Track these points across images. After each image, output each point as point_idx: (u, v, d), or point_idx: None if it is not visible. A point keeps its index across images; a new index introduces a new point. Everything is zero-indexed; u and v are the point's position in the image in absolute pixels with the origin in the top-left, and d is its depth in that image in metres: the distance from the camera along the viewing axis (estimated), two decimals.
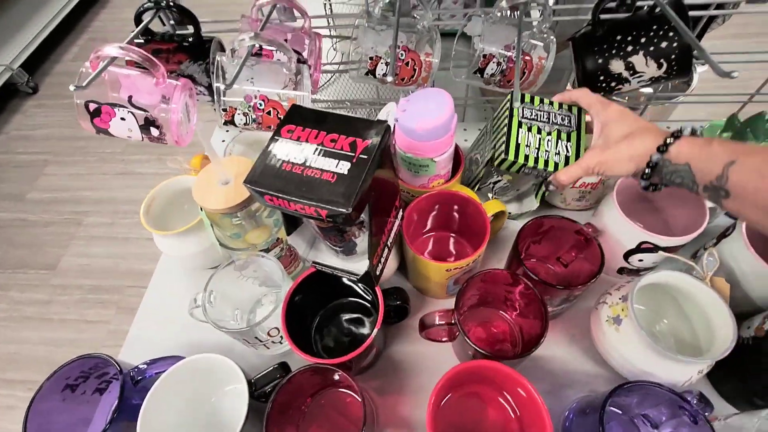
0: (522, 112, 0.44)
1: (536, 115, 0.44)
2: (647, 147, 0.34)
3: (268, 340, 0.43)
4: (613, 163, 0.36)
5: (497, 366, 0.36)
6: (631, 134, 0.36)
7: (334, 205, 0.28)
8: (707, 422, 0.33)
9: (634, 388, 0.34)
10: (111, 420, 0.35)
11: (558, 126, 0.44)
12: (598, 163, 0.37)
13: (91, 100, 0.44)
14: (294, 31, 0.54)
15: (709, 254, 0.40)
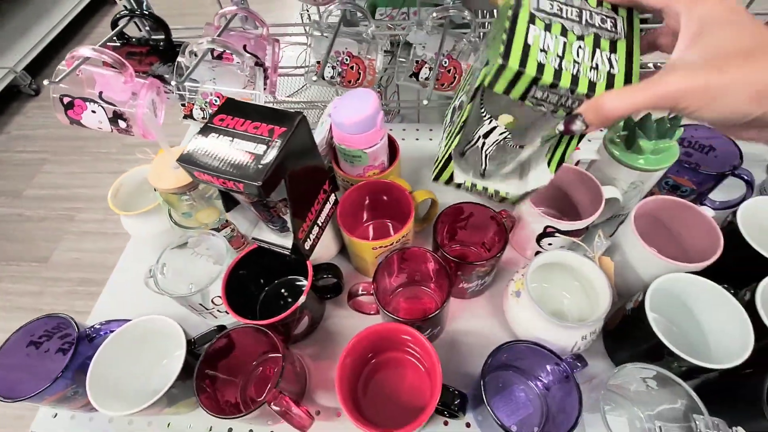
0: (538, 1, 0.28)
1: (560, 10, 0.28)
2: None
3: (214, 308, 0.49)
4: (718, 97, 0.22)
5: (400, 327, 0.41)
6: (755, 50, 0.22)
7: (248, 179, 0.34)
8: (574, 378, 0.38)
9: (512, 347, 0.40)
10: (65, 367, 0.40)
11: (596, 29, 0.28)
12: (688, 91, 0.22)
13: (65, 94, 0.50)
14: (255, 38, 0.60)
15: (598, 237, 0.45)
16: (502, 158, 0.37)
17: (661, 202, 0.46)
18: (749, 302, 0.40)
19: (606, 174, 0.51)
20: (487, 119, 0.35)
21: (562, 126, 0.28)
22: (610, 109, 0.25)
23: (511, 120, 0.35)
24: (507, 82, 0.27)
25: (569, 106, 0.28)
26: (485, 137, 0.36)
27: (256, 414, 0.39)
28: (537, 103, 0.28)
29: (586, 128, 0.27)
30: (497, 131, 0.35)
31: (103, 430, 0.47)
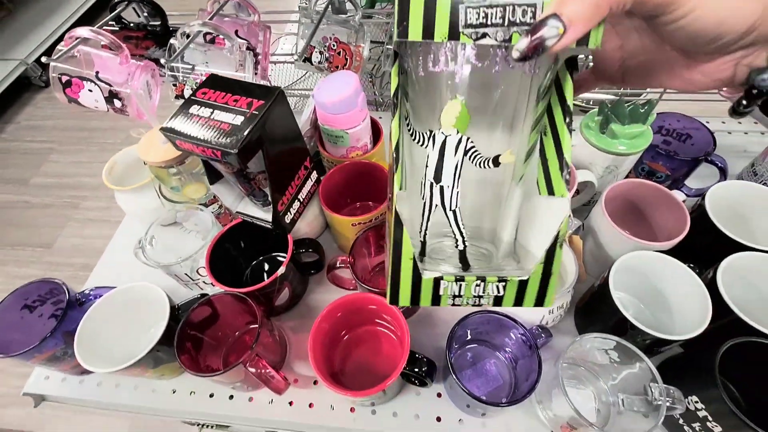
0: None
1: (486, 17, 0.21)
2: None
3: (199, 279, 0.51)
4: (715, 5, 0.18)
5: (374, 298, 0.43)
6: None
7: (225, 147, 0.36)
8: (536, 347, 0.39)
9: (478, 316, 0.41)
10: (55, 328, 0.43)
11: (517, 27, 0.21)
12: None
13: (63, 73, 0.53)
14: (248, 25, 0.62)
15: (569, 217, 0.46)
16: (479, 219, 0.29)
17: (632, 185, 0.48)
18: (711, 280, 0.41)
19: (582, 159, 0.52)
20: (427, 138, 0.26)
21: (523, 44, 0.19)
22: (572, 11, 0.18)
23: (458, 107, 0.24)
24: (420, 10, 0.21)
25: (526, 21, 0.20)
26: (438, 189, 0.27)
27: (234, 375, 0.41)
28: (477, 33, 0.21)
29: (564, 31, 0.18)
30: (451, 151, 0.26)
31: (92, 392, 0.50)
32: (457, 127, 0.25)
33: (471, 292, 0.25)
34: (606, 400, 0.44)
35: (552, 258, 0.24)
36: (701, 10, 0.19)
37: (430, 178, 0.27)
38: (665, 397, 0.36)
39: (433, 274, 0.25)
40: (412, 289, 0.25)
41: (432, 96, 0.26)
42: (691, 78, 0.23)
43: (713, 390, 0.35)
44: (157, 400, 0.49)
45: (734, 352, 0.37)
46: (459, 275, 0.25)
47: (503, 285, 0.25)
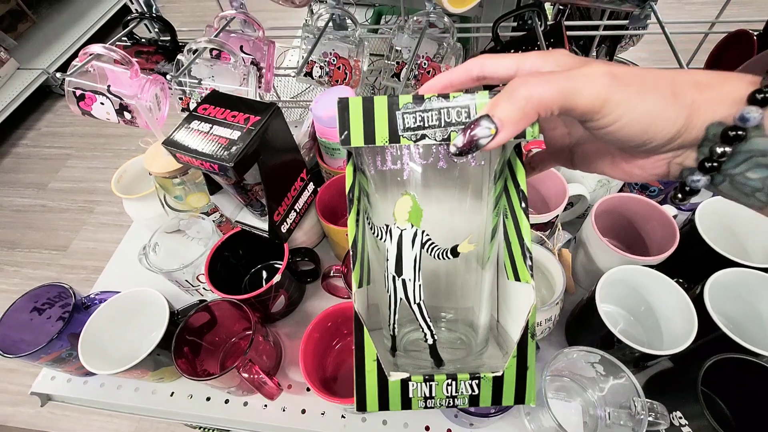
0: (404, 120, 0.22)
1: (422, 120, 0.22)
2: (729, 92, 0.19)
3: (200, 285, 0.52)
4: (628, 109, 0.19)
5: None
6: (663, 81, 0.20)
7: (222, 160, 0.37)
8: None
9: None
10: (61, 330, 0.45)
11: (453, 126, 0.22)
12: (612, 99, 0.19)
13: (77, 87, 0.56)
14: (253, 40, 0.65)
15: (558, 230, 0.47)
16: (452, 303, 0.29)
17: (622, 199, 0.48)
18: (699, 296, 0.41)
19: (574, 172, 0.53)
20: (384, 232, 0.26)
21: (459, 141, 0.21)
22: (529, 93, 0.19)
23: (410, 202, 0.25)
24: (359, 120, 0.22)
25: (461, 121, 0.22)
26: (401, 283, 0.27)
27: (228, 379, 0.43)
28: (416, 135, 0.22)
29: (496, 132, 0.20)
30: (408, 245, 0.26)
31: (95, 392, 0.52)
32: (411, 221, 0.25)
33: (443, 392, 0.24)
34: (594, 413, 0.44)
35: (525, 351, 0.23)
36: (626, 119, 0.19)
37: (392, 271, 0.26)
38: (647, 412, 0.36)
39: (399, 376, 0.23)
40: (380, 393, 0.24)
41: (385, 192, 0.26)
42: (631, 171, 0.24)
43: (695, 406, 0.35)
44: (156, 402, 0.50)
45: (723, 369, 0.37)
46: (428, 374, 0.23)
47: (476, 383, 0.23)
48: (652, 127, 0.19)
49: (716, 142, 0.19)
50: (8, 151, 1.88)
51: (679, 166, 0.22)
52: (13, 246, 1.54)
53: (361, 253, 0.26)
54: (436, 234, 0.26)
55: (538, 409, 0.42)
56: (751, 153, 0.19)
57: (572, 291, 0.49)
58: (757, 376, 0.37)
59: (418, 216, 0.25)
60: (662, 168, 0.22)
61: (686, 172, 0.22)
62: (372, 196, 0.27)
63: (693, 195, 0.22)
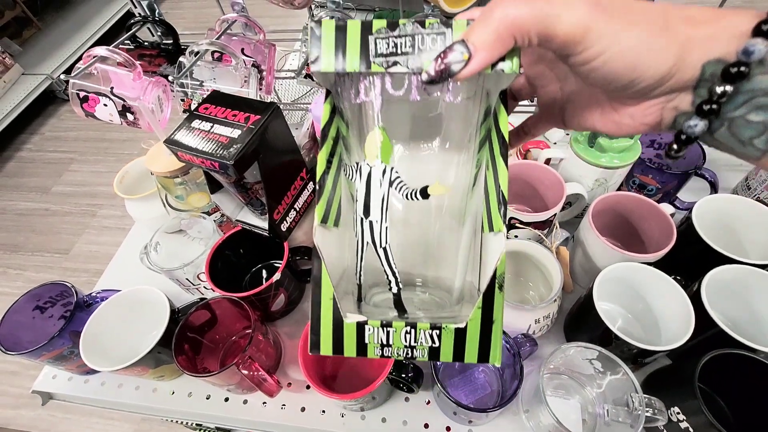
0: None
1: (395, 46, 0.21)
2: (727, 27, 0.17)
3: (200, 284, 0.53)
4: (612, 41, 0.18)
5: None
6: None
7: (222, 158, 0.38)
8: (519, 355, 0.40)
9: None
10: (62, 328, 0.45)
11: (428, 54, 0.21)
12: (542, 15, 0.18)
13: (81, 89, 0.57)
14: (254, 43, 0.66)
15: (556, 229, 0.47)
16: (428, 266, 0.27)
17: (619, 198, 0.49)
18: (696, 293, 0.42)
19: (572, 172, 0.54)
20: (354, 171, 0.26)
21: (431, 68, 0.20)
22: (504, 13, 0.18)
23: (380, 136, 0.25)
24: (331, 44, 0.21)
25: (436, 48, 0.21)
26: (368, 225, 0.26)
27: (228, 377, 0.43)
28: (388, 62, 0.21)
29: (469, 58, 0.19)
30: (377, 183, 0.25)
31: (96, 391, 0.52)
32: (381, 157, 0.25)
33: (401, 341, 0.22)
34: (593, 411, 0.44)
35: (492, 302, 0.22)
36: (610, 53, 0.18)
37: (360, 213, 0.26)
38: (644, 407, 0.36)
39: (355, 318, 0.22)
40: (334, 335, 0.22)
41: (359, 129, 0.26)
42: (621, 121, 0.23)
43: (693, 401, 0.35)
44: (157, 400, 0.51)
45: (721, 365, 0.38)
46: (386, 321, 0.22)
47: (437, 334, 0.22)
48: (640, 63, 0.18)
49: (715, 81, 0.18)
50: (12, 155, 1.90)
51: (673, 112, 0.20)
52: (16, 249, 1.54)
53: (330, 192, 0.25)
54: (407, 175, 0.25)
55: (536, 407, 0.42)
56: (754, 93, 0.17)
57: (569, 289, 0.49)
58: (754, 371, 0.37)
59: (388, 151, 0.25)
60: (654, 115, 0.21)
61: (682, 118, 0.20)
62: (348, 139, 0.26)
63: (689, 144, 0.20)
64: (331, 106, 0.24)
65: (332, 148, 0.25)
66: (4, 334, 0.46)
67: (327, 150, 0.24)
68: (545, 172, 0.53)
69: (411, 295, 0.27)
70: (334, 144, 0.25)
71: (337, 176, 0.26)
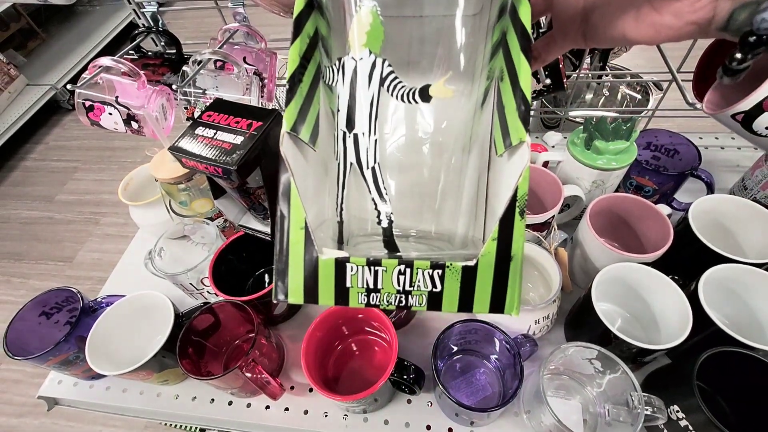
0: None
1: None
2: None
3: (204, 289, 0.54)
4: None
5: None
6: None
7: (226, 164, 0.39)
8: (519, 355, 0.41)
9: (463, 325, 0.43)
10: (68, 333, 0.46)
11: None
12: None
13: (87, 98, 0.58)
14: (255, 52, 0.67)
15: (554, 230, 0.48)
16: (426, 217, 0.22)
17: (616, 199, 0.49)
18: (693, 292, 0.42)
19: (570, 174, 0.54)
20: (336, 71, 0.20)
21: None
22: None
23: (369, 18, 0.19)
24: None
25: None
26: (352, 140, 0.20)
27: (231, 380, 0.43)
28: None
29: None
30: (364, 81, 0.19)
31: (101, 396, 0.52)
32: (369, 47, 0.19)
33: (393, 284, 0.17)
34: (594, 411, 0.44)
35: (510, 231, 0.17)
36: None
37: (342, 126, 0.20)
38: (644, 406, 0.36)
39: (333, 254, 0.17)
40: (307, 277, 0.17)
41: (340, 16, 0.19)
42: (662, 22, 0.18)
43: (692, 399, 0.35)
44: (161, 404, 0.51)
45: (719, 363, 0.38)
46: (374, 258, 0.17)
47: (440, 274, 0.17)
48: None
49: None
50: (17, 164, 1.92)
51: (727, 5, 0.16)
52: (20, 258, 1.55)
53: (304, 99, 0.19)
54: (401, 73, 0.19)
55: (537, 408, 0.42)
56: None
57: (568, 289, 0.49)
58: (751, 369, 0.37)
59: (377, 38, 0.19)
60: (706, 9, 0.17)
61: (741, 12, 0.16)
62: (329, 40, 0.20)
63: (759, 47, 0.16)
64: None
65: (308, 46, 0.19)
66: (11, 339, 0.47)
67: (301, 46, 0.18)
68: (543, 174, 0.54)
69: (404, 245, 0.22)
70: (311, 45, 0.19)
71: (315, 85, 0.20)
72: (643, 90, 0.83)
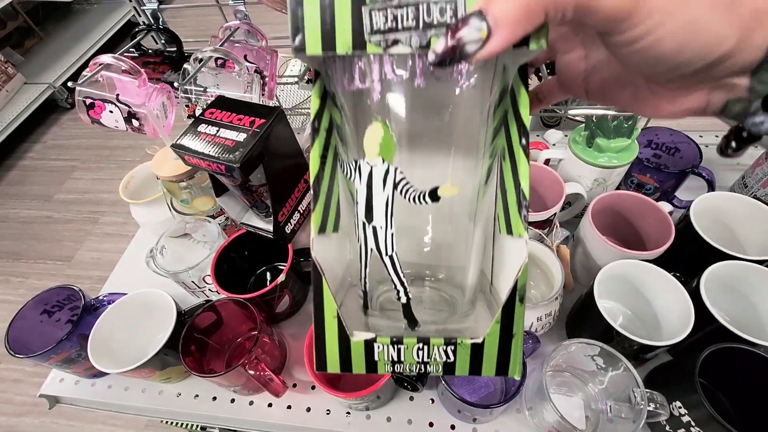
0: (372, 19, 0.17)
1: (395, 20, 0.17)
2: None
3: (206, 287, 0.54)
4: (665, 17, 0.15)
5: None
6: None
7: (229, 161, 0.39)
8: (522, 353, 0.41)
9: None
10: (70, 331, 0.46)
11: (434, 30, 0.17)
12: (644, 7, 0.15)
13: (87, 96, 0.58)
14: (256, 50, 0.67)
15: (556, 228, 0.48)
16: (439, 257, 0.25)
17: (618, 197, 0.49)
18: (695, 289, 0.42)
19: (571, 172, 0.54)
20: (353, 170, 0.22)
21: (440, 46, 0.16)
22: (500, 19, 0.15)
23: (380, 131, 0.21)
24: (316, 17, 0.17)
25: (445, 21, 0.17)
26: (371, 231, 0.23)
27: (234, 377, 0.43)
28: (387, 41, 0.17)
29: (488, 36, 0.15)
30: (378, 185, 0.22)
31: (103, 394, 0.52)
32: (382, 155, 0.21)
33: (413, 357, 0.21)
34: (596, 408, 0.45)
35: (512, 315, 0.20)
36: (662, 32, 0.15)
37: (362, 217, 0.22)
38: (646, 402, 0.36)
39: (362, 336, 0.20)
40: (341, 353, 0.21)
41: (356, 120, 0.22)
42: (658, 105, 0.19)
43: (694, 395, 0.36)
44: (163, 402, 0.51)
45: (721, 360, 0.38)
46: (396, 336, 0.20)
47: (452, 349, 0.20)
48: (693, 43, 0.15)
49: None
50: (15, 163, 1.91)
51: (723, 95, 0.17)
52: (19, 257, 1.55)
53: (327, 195, 0.22)
54: (413, 174, 0.21)
55: (540, 405, 0.42)
56: None
57: (570, 286, 0.49)
58: (753, 365, 0.38)
59: (389, 149, 0.21)
60: (700, 100, 0.18)
61: (736, 105, 0.17)
62: (343, 128, 0.22)
63: (751, 143, 0.17)
64: (321, 91, 0.21)
65: (326, 140, 0.22)
66: (12, 338, 0.47)
67: (320, 144, 0.21)
68: (545, 172, 0.54)
69: (420, 291, 0.25)
70: (328, 136, 0.22)
71: (334, 173, 0.23)
72: None
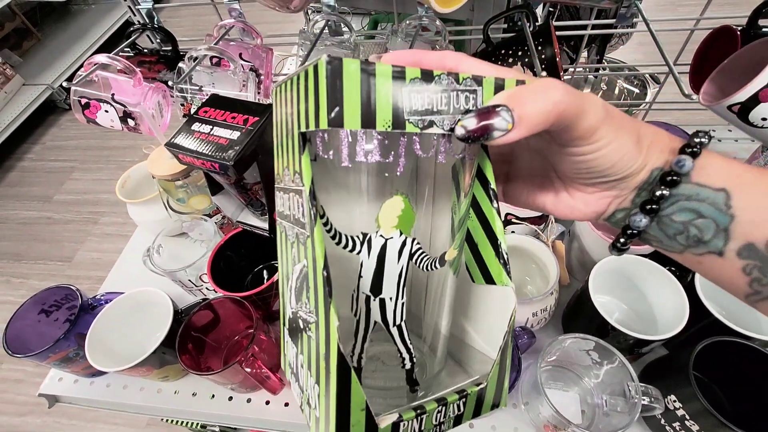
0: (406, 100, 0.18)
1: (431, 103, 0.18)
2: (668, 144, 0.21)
3: (203, 285, 0.54)
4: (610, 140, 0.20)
5: None
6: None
7: (222, 159, 0.39)
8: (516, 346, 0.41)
9: None
10: (68, 330, 0.46)
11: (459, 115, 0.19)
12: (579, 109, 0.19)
13: (82, 96, 0.58)
14: (251, 48, 0.67)
15: (551, 223, 0.48)
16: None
17: None
18: (690, 283, 0.42)
19: None
20: (360, 243, 0.22)
21: (471, 123, 0.18)
22: (561, 98, 0.18)
23: (401, 205, 0.21)
24: (356, 92, 0.17)
25: (469, 108, 0.19)
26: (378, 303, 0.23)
27: (231, 375, 0.44)
28: (424, 122, 0.18)
29: (512, 127, 0.18)
30: (393, 257, 0.22)
31: (102, 393, 0.53)
32: (400, 228, 0.21)
33: (432, 421, 0.21)
34: (591, 402, 0.45)
35: (505, 356, 0.23)
36: (606, 150, 0.20)
37: (365, 290, 0.22)
38: (640, 396, 0.37)
39: (389, 420, 0.20)
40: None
41: (360, 190, 0.21)
42: (574, 206, 0.24)
43: (688, 389, 0.36)
44: (161, 400, 0.51)
45: (716, 353, 0.38)
46: (419, 408, 0.21)
47: (464, 401, 0.22)
48: (622, 161, 0.21)
49: (655, 185, 0.21)
50: (14, 165, 1.91)
51: (614, 206, 0.23)
52: (19, 258, 1.55)
53: None
54: (422, 241, 0.23)
55: (535, 399, 0.43)
56: (679, 197, 0.21)
57: (565, 282, 0.49)
58: (748, 358, 0.38)
59: (409, 221, 0.21)
60: (603, 205, 0.23)
61: (620, 213, 0.23)
62: (334, 194, 0.22)
63: (634, 238, 0.23)
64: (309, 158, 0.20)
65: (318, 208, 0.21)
66: (10, 338, 0.47)
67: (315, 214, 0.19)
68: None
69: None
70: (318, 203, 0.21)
71: None
72: (640, 84, 0.83)
